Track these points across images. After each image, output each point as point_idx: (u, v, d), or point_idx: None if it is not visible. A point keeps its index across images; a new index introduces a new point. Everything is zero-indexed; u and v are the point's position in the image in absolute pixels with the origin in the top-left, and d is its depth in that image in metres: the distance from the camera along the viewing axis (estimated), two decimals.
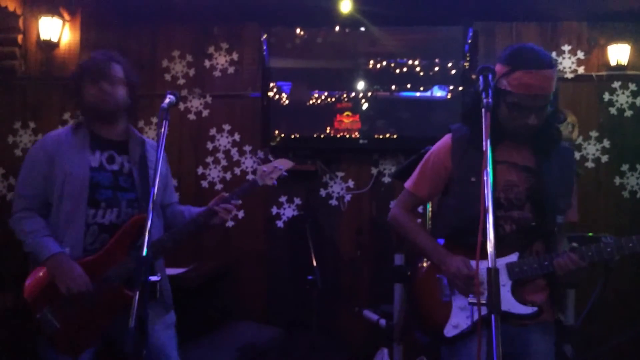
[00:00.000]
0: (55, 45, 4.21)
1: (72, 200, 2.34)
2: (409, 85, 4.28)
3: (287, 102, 4.35)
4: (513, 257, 2.06)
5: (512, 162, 2.13)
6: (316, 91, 4.32)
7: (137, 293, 1.69)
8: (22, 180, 2.44)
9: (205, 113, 4.58)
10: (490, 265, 1.52)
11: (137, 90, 2.55)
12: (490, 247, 1.53)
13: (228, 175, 4.56)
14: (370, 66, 4.32)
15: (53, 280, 2.27)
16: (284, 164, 2.63)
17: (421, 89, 4.25)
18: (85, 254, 2.33)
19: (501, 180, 2.11)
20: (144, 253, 1.74)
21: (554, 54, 4.40)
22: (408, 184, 2.36)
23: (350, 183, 4.47)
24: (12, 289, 3.97)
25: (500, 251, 2.05)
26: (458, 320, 2.09)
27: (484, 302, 1.58)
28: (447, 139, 2.27)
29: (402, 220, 2.34)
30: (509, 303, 2.01)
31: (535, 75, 1.95)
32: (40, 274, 2.33)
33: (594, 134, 4.38)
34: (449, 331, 2.09)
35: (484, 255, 2.05)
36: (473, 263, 2.07)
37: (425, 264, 2.27)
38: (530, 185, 2.10)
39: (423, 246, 2.24)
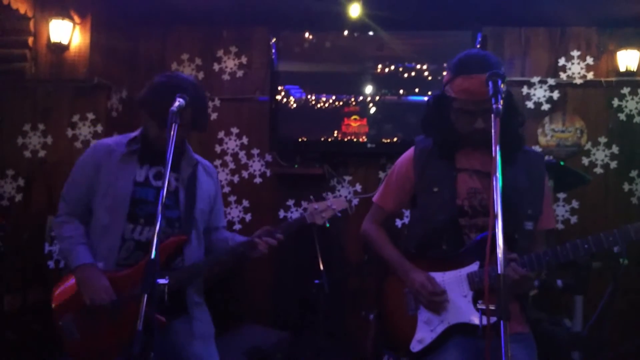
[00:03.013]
0: (66, 47, 4.23)
1: (111, 213, 2.32)
2: (417, 90, 4.28)
3: (295, 105, 4.36)
4: (474, 267, 2.02)
5: (474, 169, 2.10)
6: (324, 95, 4.33)
7: (145, 296, 1.69)
8: (69, 183, 2.44)
9: (213, 116, 4.59)
10: (500, 272, 1.49)
11: (205, 110, 2.45)
12: (499, 252, 1.50)
13: (236, 179, 4.57)
14: (378, 70, 4.32)
15: (79, 289, 2.26)
16: (337, 205, 2.52)
17: (429, 93, 4.23)
18: (118, 268, 2.30)
19: (464, 188, 2.08)
20: (153, 256, 1.72)
21: (562, 60, 4.39)
22: (375, 197, 2.36)
23: (358, 187, 4.47)
24: (19, 291, 4.00)
25: (462, 261, 2.05)
26: (422, 334, 2.05)
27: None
28: (410, 151, 2.28)
29: (371, 233, 2.33)
30: (471, 314, 1.96)
31: (475, 80, 1.91)
32: (70, 282, 2.32)
33: (602, 139, 4.36)
34: (415, 346, 2.05)
35: (447, 266, 2.07)
36: (439, 275, 2.06)
37: (392, 278, 2.21)
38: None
39: (389, 260, 2.21)
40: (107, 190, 2.34)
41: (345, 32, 4.33)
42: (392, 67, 4.30)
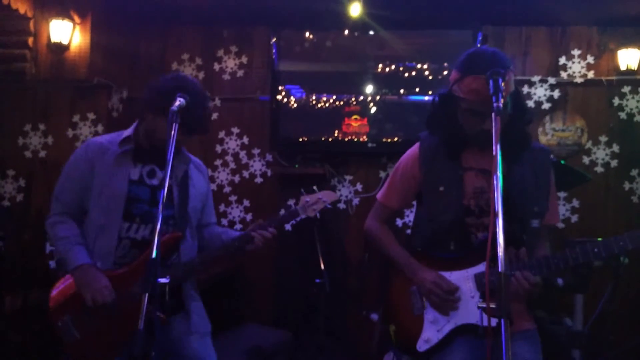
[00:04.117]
0: (66, 47, 4.23)
1: (107, 213, 2.31)
2: (417, 89, 4.28)
3: (295, 105, 4.36)
4: (481, 267, 2.00)
5: (481, 169, 2.07)
6: (325, 94, 4.33)
7: (146, 296, 1.69)
8: (62, 183, 2.42)
9: (214, 116, 4.59)
10: (500, 270, 1.48)
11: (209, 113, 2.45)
12: (500, 251, 1.49)
13: (236, 178, 4.57)
14: (379, 70, 4.32)
15: (79, 290, 2.25)
16: (327, 197, 2.56)
17: (430, 92, 4.24)
18: (115, 266, 2.31)
19: (470, 187, 2.07)
20: (154, 255, 1.72)
21: (563, 59, 4.39)
22: (379, 195, 2.34)
23: (359, 186, 4.47)
24: (21, 292, 4.00)
25: (470, 261, 2.04)
26: (429, 334, 2.04)
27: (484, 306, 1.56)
28: (415, 148, 2.24)
29: (376, 232, 2.32)
30: (478, 315, 1.87)
31: (484, 80, 1.82)
32: (67, 282, 2.32)
33: (603, 138, 4.36)
34: (421, 346, 2.04)
35: (454, 265, 2.06)
36: (446, 275, 2.05)
37: (398, 277, 2.20)
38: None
39: (396, 259, 2.20)
40: (101, 190, 2.32)
41: (346, 32, 4.33)
42: (393, 67, 4.30)
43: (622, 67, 4.30)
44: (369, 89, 4.32)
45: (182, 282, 2.39)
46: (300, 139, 4.35)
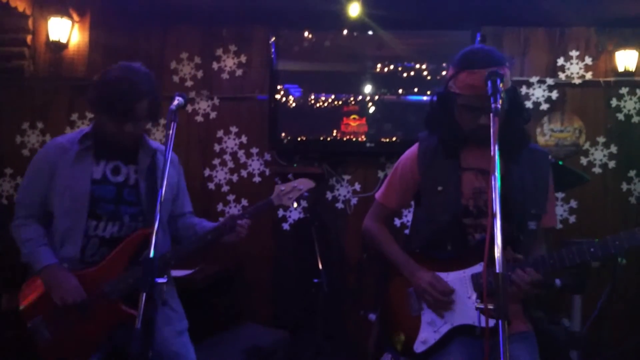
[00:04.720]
0: (64, 45, 4.23)
1: (71, 215, 2.27)
2: (416, 89, 4.28)
3: (294, 104, 4.36)
4: (478, 268, 2.00)
5: (479, 169, 2.07)
6: (323, 94, 4.33)
7: (144, 295, 1.68)
8: (24, 187, 2.38)
9: (212, 115, 4.59)
10: (498, 270, 1.48)
11: (158, 100, 2.36)
12: (497, 252, 1.49)
13: (235, 178, 4.57)
14: (378, 70, 4.32)
15: (47, 290, 2.23)
16: (304, 184, 2.48)
17: (428, 92, 4.24)
18: (84, 265, 2.27)
19: (469, 187, 2.06)
20: (151, 255, 1.70)
21: (561, 59, 4.39)
22: (378, 194, 2.33)
23: (357, 186, 4.47)
24: (10, 290, 3.99)
25: (467, 261, 2.03)
26: (426, 335, 2.03)
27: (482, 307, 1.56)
28: (414, 148, 2.24)
29: (374, 232, 2.31)
30: (475, 315, 1.88)
31: (479, 75, 1.86)
32: (36, 283, 2.29)
33: (601, 139, 4.37)
34: (418, 347, 2.03)
35: (452, 266, 2.06)
36: (443, 276, 2.05)
37: (396, 278, 2.20)
38: None
39: (394, 259, 2.20)
40: (64, 191, 2.28)
41: (345, 32, 4.33)
42: (392, 67, 4.30)
43: (620, 69, 4.31)
44: (368, 88, 4.32)
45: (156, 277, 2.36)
46: (299, 139, 4.35)
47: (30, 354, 3.87)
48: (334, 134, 4.32)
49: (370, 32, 4.29)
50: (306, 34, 4.36)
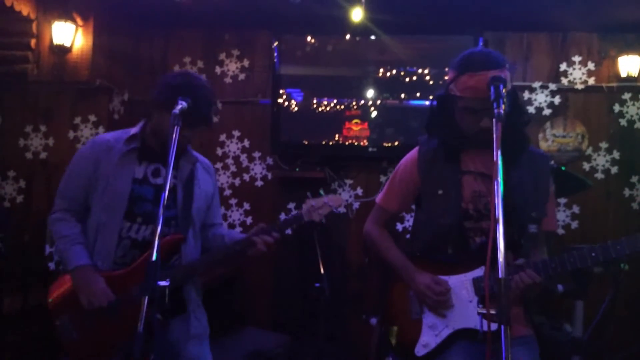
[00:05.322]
0: (68, 49, 4.23)
1: (108, 211, 2.29)
2: (418, 94, 4.29)
3: (296, 109, 4.36)
4: (480, 272, 2.00)
5: (479, 172, 2.07)
6: (326, 98, 4.34)
7: (146, 298, 1.68)
8: (66, 180, 2.40)
9: (215, 119, 4.59)
10: (500, 276, 1.48)
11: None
12: (500, 256, 1.49)
13: (237, 181, 4.57)
14: (380, 74, 4.33)
15: (76, 291, 2.24)
16: (334, 202, 2.44)
17: (430, 97, 4.23)
18: (114, 266, 2.29)
19: (468, 191, 2.06)
20: (154, 257, 1.71)
21: (564, 65, 4.40)
22: (379, 198, 2.33)
23: (359, 191, 4.48)
24: (20, 293, 4.00)
25: (468, 265, 2.03)
26: (427, 339, 2.03)
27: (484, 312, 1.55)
28: (414, 152, 2.24)
29: (375, 236, 2.32)
30: (476, 319, 1.89)
31: (480, 77, 1.86)
32: (66, 281, 2.31)
33: (603, 145, 4.37)
34: (419, 350, 2.02)
35: (453, 270, 2.06)
36: (444, 279, 2.05)
37: (397, 282, 2.20)
38: None
39: (394, 263, 2.20)
40: (105, 187, 2.30)
41: (347, 36, 4.34)
42: (394, 71, 4.31)
43: (623, 74, 4.31)
44: (370, 93, 4.32)
45: (182, 285, 2.36)
46: (301, 143, 4.36)
47: (34, 357, 3.87)
48: (336, 139, 4.32)
49: (372, 37, 4.30)
50: (309, 38, 4.37)
